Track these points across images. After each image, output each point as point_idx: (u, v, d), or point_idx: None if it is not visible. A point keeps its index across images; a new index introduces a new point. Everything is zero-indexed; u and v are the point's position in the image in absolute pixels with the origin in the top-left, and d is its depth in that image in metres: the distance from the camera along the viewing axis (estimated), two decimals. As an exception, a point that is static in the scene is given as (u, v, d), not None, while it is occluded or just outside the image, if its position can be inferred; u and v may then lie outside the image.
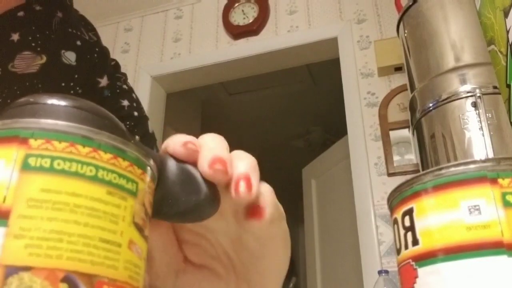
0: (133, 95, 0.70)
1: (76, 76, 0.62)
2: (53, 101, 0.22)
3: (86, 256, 0.19)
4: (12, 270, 0.18)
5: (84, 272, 0.19)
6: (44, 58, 0.59)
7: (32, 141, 0.20)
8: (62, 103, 0.22)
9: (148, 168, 0.23)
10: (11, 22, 0.60)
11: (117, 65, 0.71)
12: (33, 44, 0.59)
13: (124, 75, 0.71)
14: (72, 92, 0.61)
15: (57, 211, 0.19)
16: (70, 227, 0.19)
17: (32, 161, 0.19)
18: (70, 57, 0.62)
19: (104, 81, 0.66)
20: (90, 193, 0.20)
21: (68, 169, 0.20)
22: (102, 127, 0.21)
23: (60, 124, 0.20)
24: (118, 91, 0.67)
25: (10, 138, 0.20)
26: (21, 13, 0.61)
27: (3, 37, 0.59)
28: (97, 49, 0.67)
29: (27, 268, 0.18)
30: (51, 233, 0.19)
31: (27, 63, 0.58)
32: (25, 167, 0.19)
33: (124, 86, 0.69)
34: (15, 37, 0.59)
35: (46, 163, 0.20)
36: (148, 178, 0.23)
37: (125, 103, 0.68)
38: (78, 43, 0.64)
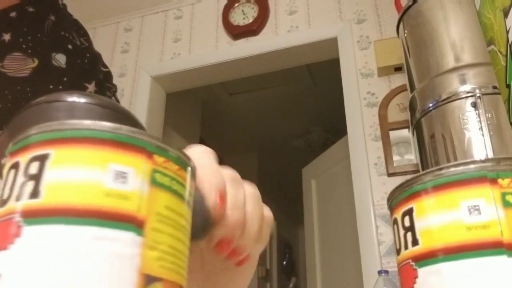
0: None
1: (65, 79, 0.62)
2: (87, 99, 0.24)
3: (183, 271, 0.21)
4: (150, 280, 0.19)
5: (183, 286, 0.21)
6: (36, 62, 0.59)
7: (156, 157, 0.21)
8: (83, 100, 0.23)
9: None
10: (3, 22, 0.59)
11: (109, 75, 0.71)
12: (24, 46, 0.59)
13: (114, 86, 0.71)
14: None
15: (173, 228, 0.21)
16: (179, 245, 0.21)
17: (158, 177, 0.21)
18: (60, 59, 0.62)
19: (91, 87, 0.65)
20: (186, 215, 0.22)
21: (178, 191, 0.22)
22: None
23: (172, 147, 0.22)
24: None
25: (137, 148, 0.21)
26: (13, 14, 0.60)
27: None
28: (88, 55, 0.67)
29: (159, 279, 0.19)
30: (171, 249, 0.20)
31: (18, 64, 0.58)
32: (153, 182, 0.21)
33: (113, 98, 0.69)
34: (6, 37, 0.58)
35: (167, 181, 0.21)
36: None
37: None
38: (69, 47, 0.64)
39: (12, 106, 0.57)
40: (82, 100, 0.23)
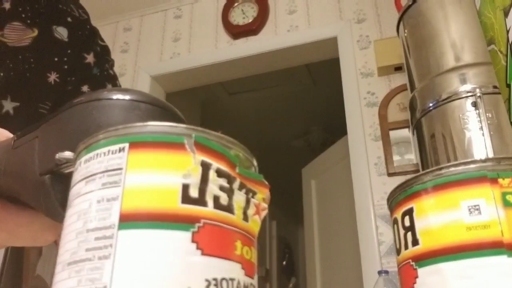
0: (117, 82, 0.71)
1: (68, 51, 0.62)
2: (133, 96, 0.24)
3: None
4: None
5: None
6: (36, 32, 0.59)
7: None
8: (128, 97, 0.23)
9: None
10: None
11: (106, 49, 0.71)
12: (23, 15, 0.59)
13: (112, 60, 0.71)
14: (66, 67, 0.61)
15: None
16: None
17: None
18: (62, 32, 0.62)
19: (90, 58, 0.66)
20: None
21: None
22: None
23: None
24: (105, 73, 0.68)
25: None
26: None
27: None
28: (88, 26, 0.67)
29: None
30: None
31: (18, 35, 0.58)
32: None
33: (111, 71, 0.69)
34: (7, 5, 0.58)
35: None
36: None
37: (109, 87, 0.68)
38: (69, 19, 0.64)
39: (14, 75, 0.56)
40: (128, 97, 0.23)
